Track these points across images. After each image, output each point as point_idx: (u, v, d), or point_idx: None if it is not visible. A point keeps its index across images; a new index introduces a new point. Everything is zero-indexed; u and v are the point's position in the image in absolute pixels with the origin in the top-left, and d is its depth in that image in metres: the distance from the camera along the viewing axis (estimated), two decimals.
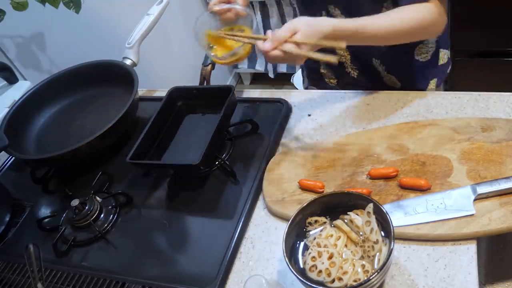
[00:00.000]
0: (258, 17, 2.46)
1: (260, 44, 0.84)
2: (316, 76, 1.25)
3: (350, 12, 0.94)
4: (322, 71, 1.23)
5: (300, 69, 1.38)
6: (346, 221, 0.74)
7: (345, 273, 0.68)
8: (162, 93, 1.28)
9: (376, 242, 0.70)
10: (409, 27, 0.89)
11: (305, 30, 0.82)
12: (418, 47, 1.07)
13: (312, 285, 0.67)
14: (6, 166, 1.22)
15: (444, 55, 1.13)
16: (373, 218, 0.71)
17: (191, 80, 1.80)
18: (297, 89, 2.06)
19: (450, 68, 1.16)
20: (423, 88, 1.13)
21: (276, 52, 0.82)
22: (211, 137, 0.93)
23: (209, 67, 1.02)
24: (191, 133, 1.07)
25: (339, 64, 1.15)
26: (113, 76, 1.21)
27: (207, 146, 0.92)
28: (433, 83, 1.14)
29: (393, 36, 0.90)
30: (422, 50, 1.08)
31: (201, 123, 1.08)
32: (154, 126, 1.04)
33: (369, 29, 0.87)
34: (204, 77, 1.04)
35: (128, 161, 0.95)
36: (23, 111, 1.19)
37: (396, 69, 1.10)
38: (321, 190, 0.86)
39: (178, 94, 1.06)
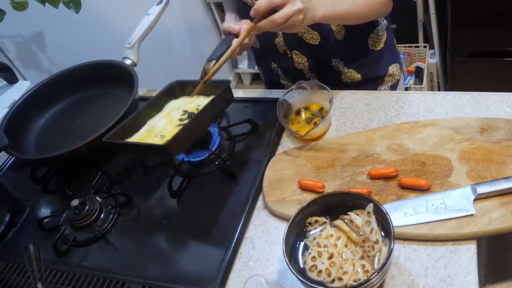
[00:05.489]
0: None
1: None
2: (277, 87, 1.29)
3: None
4: (282, 81, 1.27)
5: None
6: (346, 221, 0.74)
7: (345, 273, 0.68)
8: None
9: (376, 242, 0.70)
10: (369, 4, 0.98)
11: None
12: (370, 38, 1.13)
13: (312, 285, 0.67)
14: (6, 166, 1.22)
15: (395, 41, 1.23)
16: (373, 218, 0.71)
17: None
18: None
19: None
20: (383, 74, 1.19)
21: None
22: (189, 121, 0.90)
23: (212, 63, 1.00)
24: None
25: (298, 72, 1.20)
26: (113, 76, 1.21)
27: (180, 131, 0.87)
28: (394, 67, 1.20)
29: (357, 13, 0.98)
30: (374, 39, 1.13)
31: None
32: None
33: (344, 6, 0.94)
34: (206, 73, 1.01)
35: (103, 141, 0.94)
36: (23, 111, 1.19)
37: (354, 62, 1.15)
38: (321, 190, 0.86)
39: (178, 87, 1.05)
